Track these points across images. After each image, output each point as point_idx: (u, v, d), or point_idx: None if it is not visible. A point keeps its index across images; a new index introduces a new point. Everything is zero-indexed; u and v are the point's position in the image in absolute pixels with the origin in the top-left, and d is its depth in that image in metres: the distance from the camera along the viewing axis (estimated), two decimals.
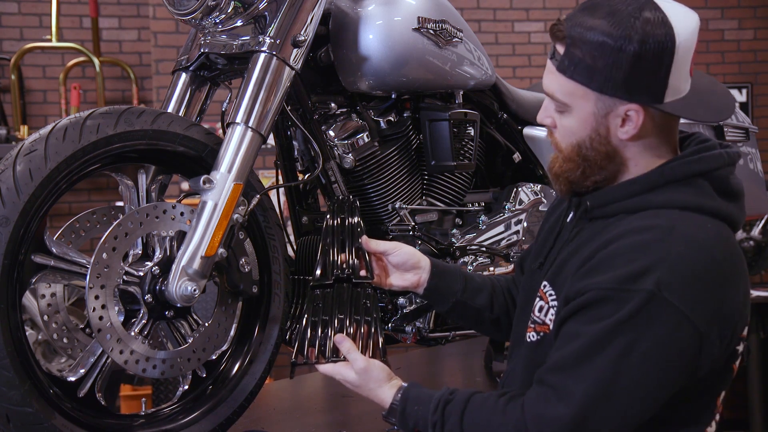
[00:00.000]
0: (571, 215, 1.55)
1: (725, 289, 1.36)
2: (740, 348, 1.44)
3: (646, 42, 1.35)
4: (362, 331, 1.62)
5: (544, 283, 1.52)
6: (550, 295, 1.50)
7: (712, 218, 1.40)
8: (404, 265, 1.77)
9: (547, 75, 1.47)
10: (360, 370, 1.54)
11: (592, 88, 1.40)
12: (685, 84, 1.41)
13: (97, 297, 1.59)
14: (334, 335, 1.60)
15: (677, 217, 1.38)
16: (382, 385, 1.53)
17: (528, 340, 1.54)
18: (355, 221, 1.82)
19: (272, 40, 1.84)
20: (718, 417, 1.49)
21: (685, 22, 1.38)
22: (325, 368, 1.59)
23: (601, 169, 1.46)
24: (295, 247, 2.23)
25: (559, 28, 1.42)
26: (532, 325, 1.53)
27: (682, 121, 1.49)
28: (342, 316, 1.64)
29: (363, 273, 1.74)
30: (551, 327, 1.47)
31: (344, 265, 1.74)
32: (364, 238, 1.78)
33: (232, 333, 1.88)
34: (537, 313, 1.52)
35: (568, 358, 1.34)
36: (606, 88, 1.39)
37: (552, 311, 1.47)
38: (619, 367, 1.30)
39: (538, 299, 1.53)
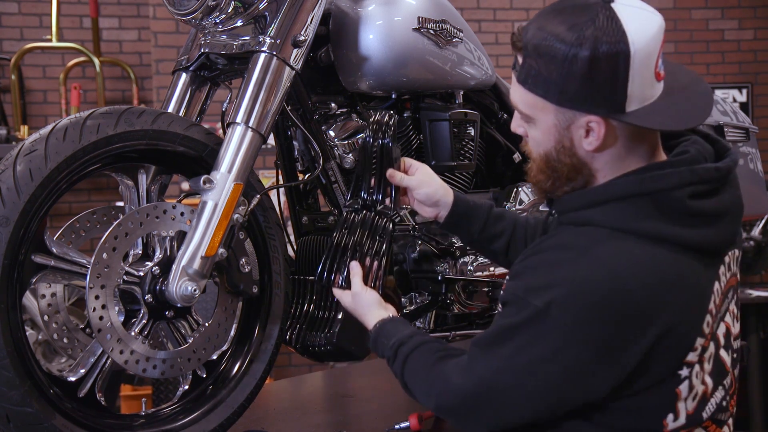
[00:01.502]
0: (550, 223, 1.62)
1: (631, 320, 1.30)
2: (683, 372, 1.37)
3: (597, 51, 1.29)
4: (367, 262, 1.76)
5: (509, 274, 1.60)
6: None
7: (649, 242, 1.33)
8: (426, 201, 1.84)
9: (512, 86, 1.43)
10: (354, 293, 1.71)
11: (549, 101, 1.35)
12: (651, 90, 1.35)
13: (97, 297, 1.59)
14: (350, 261, 1.74)
15: (605, 237, 1.34)
16: (370, 312, 1.67)
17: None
18: (389, 145, 1.86)
19: (272, 40, 1.84)
20: None
21: (642, 27, 1.31)
22: (335, 290, 1.77)
23: (569, 180, 1.41)
24: (295, 247, 2.23)
25: (517, 37, 1.38)
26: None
27: None
28: (359, 244, 1.78)
29: (387, 203, 1.85)
30: None
31: (372, 191, 1.85)
32: (390, 171, 1.85)
33: (232, 333, 1.88)
34: None
35: (485, 338, 1.42)
36: (563, 100, 1.34)
37: None
38: (509, 364, 1.36)
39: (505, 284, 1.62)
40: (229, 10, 1.87)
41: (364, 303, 1.69)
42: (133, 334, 1.66)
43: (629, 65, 1.30)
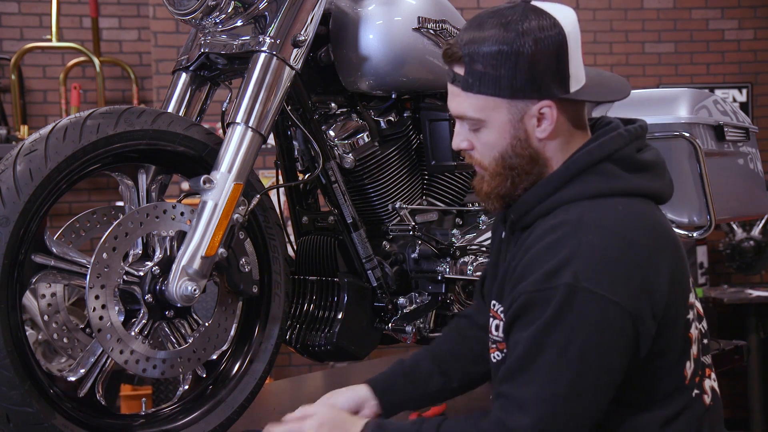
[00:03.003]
0: (504, 232, 1.60)
1: (646, 264, 1.38)
2: (690, 316, 1.47)
3: (540, 40, 1.41)
4: None
5: (493, 302, 1.57)
6: (500, 310, 1.53)
7: (624, 198, 1.44)
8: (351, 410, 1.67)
9: (453, 99, 1.50)
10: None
11: (502, 96, 1.44)
12: (581, 72, 1.47)
13: (97, 297, 1.59)
14: None
15: (586, 207, 1.42)
16: (347, 423, 1.52)
17: (493, 360, 1.58)
18: None
19: (272, 40, 1.84)
20: (708, 399, 1.51)
21: (566, 15, 1.45)
22: None
23: (527, 174, 1.48)
24: (295, 247, 2.23)
25: (453, 50, 1.46)
26: (494, 345, 1.57)
27: (682, 121, 1.51)
28: None
29: None
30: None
31: None
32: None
33: (232, 333, 1.88)
34: (494, 332, 1.56)
35: (514, 366, 1.37)
36: (515, 92, 1.43)
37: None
38: (561, 364, 1.33)
39: (492, 319, 1.57)
40: (229, 10, 1.87)
41: (336, 420, 1.53)
42: (133, 334, 1.66)
43: (567, 47, 1.43)
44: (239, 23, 1.90)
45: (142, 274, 1.69)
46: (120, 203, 1.89)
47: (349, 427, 1.52)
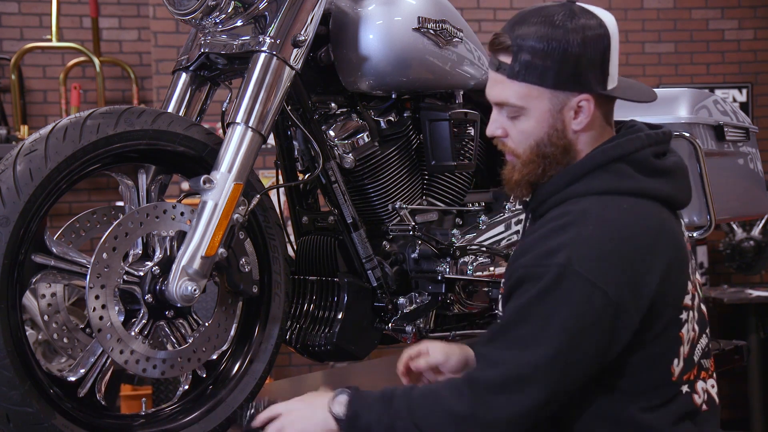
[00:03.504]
0: (528, 222, 1.70)
1: (638, 260, 1.45)
2: (684, 316, 1.53)
3: (587, 38, 1.50)
4: None
5: (503, 282, 1.67)
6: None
7: (632, 197, 1.51)
8: (457, 369, 1.72)
9: (495, 86, 1.58)
10: (281, 409, 1.58)
11: (546, 86, 1.52)
12: (617, 73, 1.57)
13: (97, 297, 1.58)
14: None
15: (593, 201, 1.50)
16: (314, 403, 1.54)
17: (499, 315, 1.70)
18: None
19: (272, 40, 1.84)
20: (698, 400, 1.54)
21: (609, 18, 1.55)
22: None
23: (558, 164, 1.56)
24: (295, 247, 2.23)
25: (501, 39, 1.55)
26: (503, 299, 1.63)
27: (682, 121, 1.54)
28: None
29: None
30: None
31: None
32: (409, 364, 1.73)
33: (232, 333, 1.88)
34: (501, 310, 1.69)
35: (497, 330, 1.48)
36: (558, 83, 1.52)
37: None
38: (539, 336, 1.40)
39: (500, 296, 1.70)
40: (229, 10, 1.87)
41: (304, 404, 1.56)
42: (133, 334, 1.65)
43: (610, 45, 1.53)
44: (239, 23, 1.90)
45: (142, 274, 1.69)
46: (120, 203, 1.89)
47: (317, 399, 1.54)
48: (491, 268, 2.29)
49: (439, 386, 1.50)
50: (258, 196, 1.82)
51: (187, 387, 1.85)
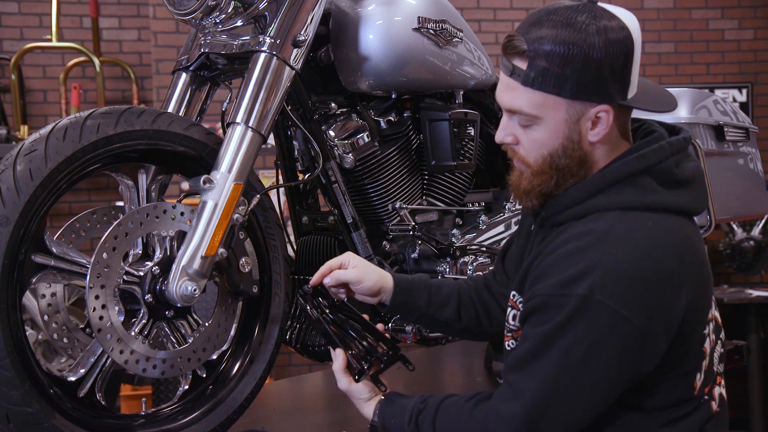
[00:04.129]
0: (533, 225, 1.60)
1: (667, 283, 1.37)
2: (707, 330, 1.48)
3: (610, 44, 1.38)
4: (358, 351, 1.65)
5: (513, 292, 1.59)
6: (519, 301, 1.56)
7: (655, 213, 1.42)
8: (369, 293, 1.73)
9: (507, 92, 1.46)
10: (343, 388, 1.62)
11: (563, 96, 1.41)
12: (637, 78, 1.46)
13: (97, 297, 1.58)
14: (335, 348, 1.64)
15: (617, 218, 1.40)
16: (364, 403, 1.61)
17: (507, 348, 1.60)
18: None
19: (272, 40, 1.84)
20: (715, 406, 1.52)
21: (633, 23, 1.43)
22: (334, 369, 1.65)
23: (573, 176, 1.47)
24: (295, 247, 2.23)
25: (516, 43, 1.42)
26: (509, 334, 1.60)
27: (683, 121, 1.51)
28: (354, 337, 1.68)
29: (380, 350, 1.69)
30: None
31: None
32: (325, 274, 1.71)
33: (232, 333, 1.88)
34: (511, 322, 1.59)
35: (520, 358, 1.40)
36: (577, 93, 1.40)
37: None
38: (562, 367, 1.35)
39: (510, 308, 1.60)
40: (229, 10, 1.87)
41: (355, 396, 1.62)
42: (133, 334, 1.65)
43: (633, 51, 1.42)
44: (239, 23, 1.90)
45: (142, 274, 1.69)
46: (120, 203, 1.89)
47: (366, 405, 1.60)
48: (491, 268, 2.29)
49: (463, 414, 1.46)
50: (258, 196, 1.82)
51: (187, 387, 1.85)
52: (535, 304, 1.40)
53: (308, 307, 1.70)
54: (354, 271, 1.71)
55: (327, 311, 1.70)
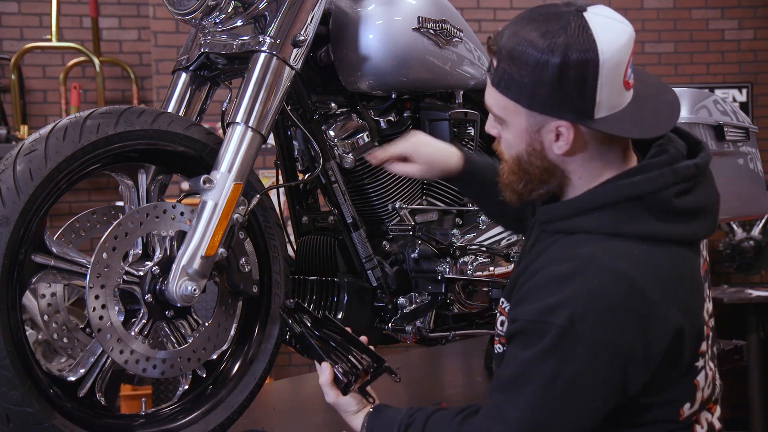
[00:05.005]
0: (531, 228, 1.58)
1: (650, 315, 1.34)
2: (700, 363, 1.44)
3: (567, 58, 1.31)
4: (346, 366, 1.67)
5: (502, 299, 1.59)
6: (507, 308, 1.55)
7: (643, 242, 1.37)
8: (429, 161, 1.85)
9: (487, 88, 1.45)
10: (331, 401, 1.64)
11: (521, 105, 1.38)
12: (620, 98, 1.37)
13: (97, 297, 1.58)
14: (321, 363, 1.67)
15: (601, 245, 1.36)
16: (352, 416, 1.62)
17: (496, 351, 1.62)
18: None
19: (272, 40, 1.84)
20: (701, 430, 1.50)
21: (612, 37, 1.33)
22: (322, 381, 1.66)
23: (542, 183, 1.45)
24: (295, 247, 2.23)
25: (492, 40, 1.40)
26: (497, 338, 1.61)
27: (683, 121, 1.48)
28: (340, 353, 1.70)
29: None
30: None
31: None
32: (375, 152, 1.90)
33: (232, 333, 1.88)
34: (500, 327, 1.60)
35: (506, 380, 1.40)
36: (533, 104, 1.37)
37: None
38: (544, 396, 1.35)
39: (498, 314, 1.61)
40: (229, 10, 1.87)
41: (343, 409, 1.64)
42: (133, 333, 1.66)
43: (598, 73, 1.33)
44: (239, 23, 1.90)
45: (142, 274, 1.69)
46: (120, 203, 1.89)
47: (354, 417, 1.61)
48: (491, 268, 2.29)
49: (452, 425, 1.46)
50: (258, 196, 1.82)
51: (187, 387, 1.85)
52: (518, 327, 1.40)
53: (290, 322, 1.72)
54: (409, 142, 1.86)
55: (310, 325, 1.72)
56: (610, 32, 1.34)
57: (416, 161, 1.86)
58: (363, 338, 1.71)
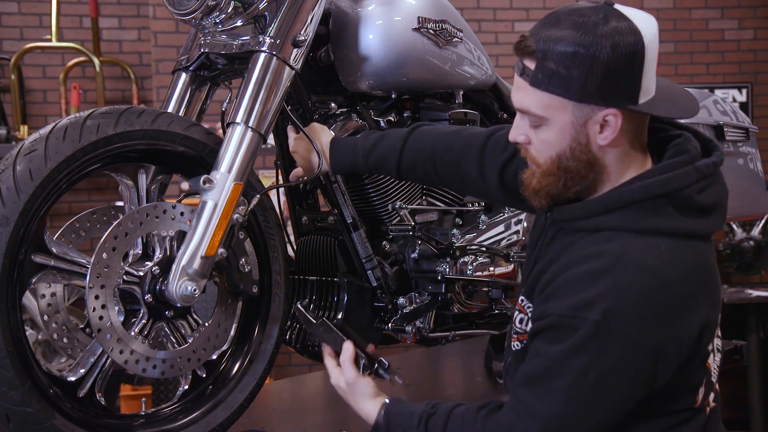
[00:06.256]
0: (545, 221, 1.59)
1: (680, 308, 1.39)
2: (710, 347, 1.49)
3: (618, 47, 1.37)
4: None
5: (522, 297, 1.59)
6: (527, 306, 1.56)
7: (669, 238, 1.42)
8: (304, 162, 1.98)
9: (519, 92, 1.47)
10: (349, 379, 1.65)
11: (569, 98, 1.41)
12: (653, 85, 1.44)
13: (97, 297, 1.59)
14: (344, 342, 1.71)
15: (630, 241, 1.41)
16: (367, 399, 1.63)
17: (513, 348, 1.62)
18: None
19: (272, 40, 1.84)
20: (709, 409, 1.54)
21: (649, 26, 1.41)
22: (328, 363, 1.72)
23: (582, 179, 1.47)
24: (295, 247, 2.23)
25: (527, 43, 1.43)
26: (515, 335, 1.61)
27: (682, 121, 1.50)
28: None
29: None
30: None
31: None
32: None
33: (232, 333, 1.88)
34: (518, 325, 1.60)
35: (534, 376, 1.42)
36: (583, 96, 1.40)
37: (530, 323, 1.52)
38: (575, 390, 1.37)
39: (517, 312, 1.61)
40: (229, 10, 1.87)
41: (360, 390, 1.64)
42: (132, 334, 1.66)
43: (644, 59, 1.39)
44: (239, 23, 1.90)
45: (142, 274, 1.69)
46: (120, 203, 1.89)
47: (370, 401, 1.62)
48: (491, 268, 2.29)
49: (476, 424, 1.47)
50: (258, 196, 1.82)
51: (187, 387, 1.85)
52: (548, 322, 1.41)
53: (307, 315, 1.75)
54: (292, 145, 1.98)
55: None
56: (646, 22, 1.41)
57: (297, 161, 1.99)
58: (370, 347, 1.74)
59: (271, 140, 2.06)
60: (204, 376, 1.87)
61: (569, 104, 1.41)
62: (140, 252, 1.74)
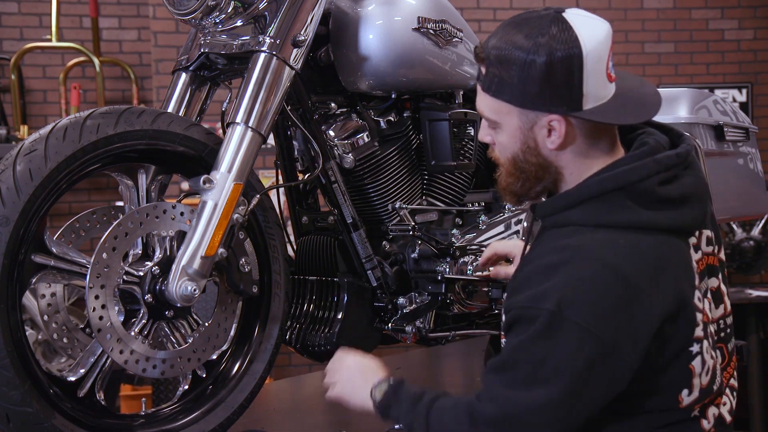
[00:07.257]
0: (532, 226, 1.64)
1: (635, 301, 1.39)
2: (695, 348, 1.47)
3: (553, 54, 1.40)
4: None
5: (505, 294, 1.62)
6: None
7: (629, 231, 1.43)
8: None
9: (477, 96, 1.52)
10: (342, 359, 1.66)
11: (513, 104, 1.45)
12: (605, 90, 1.45)
13: (97, 297, 1.59)
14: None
15: (589, 236, 1.43)
16: (376, 369, 1.62)
17: (503, 344, 1.63)
18: None
19: (272, 40, 1.84)
20: (707, 425, 1.51)
21: (592, 32, 1.43)
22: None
23: (538, 180, 1.51)
24: (295, 247, 2.23)
25: (479, 49, 1.48)
26: (502, 334, 1.62)
27: (682, 121, 1.51)
28: None
29: None
30: None
31: None
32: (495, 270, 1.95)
33: (232, 333, 1.88)
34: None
35: (500, 364, 1.44)
36: (525, 102, 1.44)
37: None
38: (533, 379, 1.38)
39: (503, 311, 1.63)
40: (229, 10, 1.87)
41: (363, 367, 1.64)
42: (132, 334, 1.66)
43: (583, 66, 1.41)
44: (239, 23, 1.90)
45: (142, 274, 1.69)
46: (120, 203, 1.89)
47: (368, 376, 1.60)
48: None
49: (453, 405, 1.49)
50: (258, 196, 1.82)
51: (187, 387, 1.85)
52: (513, 316, 1.44)
53: None
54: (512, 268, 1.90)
55: None
56: (590, 28, 1.43)
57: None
58: None
59: (271, 140, 2.06)
60: (204, 376, 1.87)
61: (515, 110, 1.46)
62: (140, 252, 1.74)
